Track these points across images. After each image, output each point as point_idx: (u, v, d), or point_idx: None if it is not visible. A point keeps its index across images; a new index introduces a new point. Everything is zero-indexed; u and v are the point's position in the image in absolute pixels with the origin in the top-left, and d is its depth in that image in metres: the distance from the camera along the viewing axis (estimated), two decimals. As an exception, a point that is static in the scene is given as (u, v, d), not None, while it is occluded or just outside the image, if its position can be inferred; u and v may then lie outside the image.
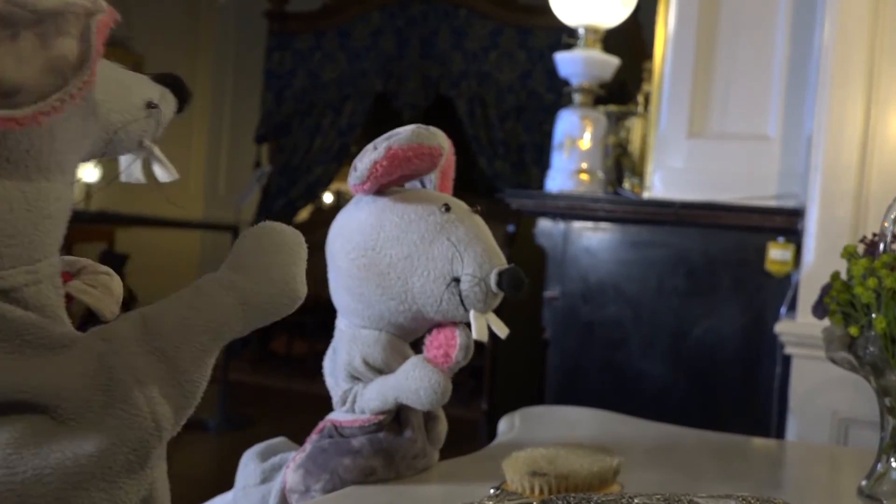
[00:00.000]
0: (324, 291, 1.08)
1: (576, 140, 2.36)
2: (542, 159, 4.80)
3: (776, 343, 1.94)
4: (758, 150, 2.12)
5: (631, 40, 4.00)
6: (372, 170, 0.99)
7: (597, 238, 2.25)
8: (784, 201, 2.06)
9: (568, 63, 2.37)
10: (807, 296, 1.78)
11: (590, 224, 2.26)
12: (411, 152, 0.99)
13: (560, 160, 2.38)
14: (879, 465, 1.09)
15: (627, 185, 2.41)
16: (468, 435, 3.35)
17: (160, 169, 0.82)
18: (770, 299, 2.05)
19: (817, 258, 1.79)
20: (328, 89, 6.03)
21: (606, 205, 2.23)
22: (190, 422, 0.74)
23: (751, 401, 2.08)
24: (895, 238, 1.07)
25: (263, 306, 0.75)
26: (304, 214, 6.50)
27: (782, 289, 2.02)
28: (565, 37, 2.44)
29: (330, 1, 6.11)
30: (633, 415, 1.47)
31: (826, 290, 1.12)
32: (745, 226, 2.07)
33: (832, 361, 1.13)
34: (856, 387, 1.62)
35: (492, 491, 0.97)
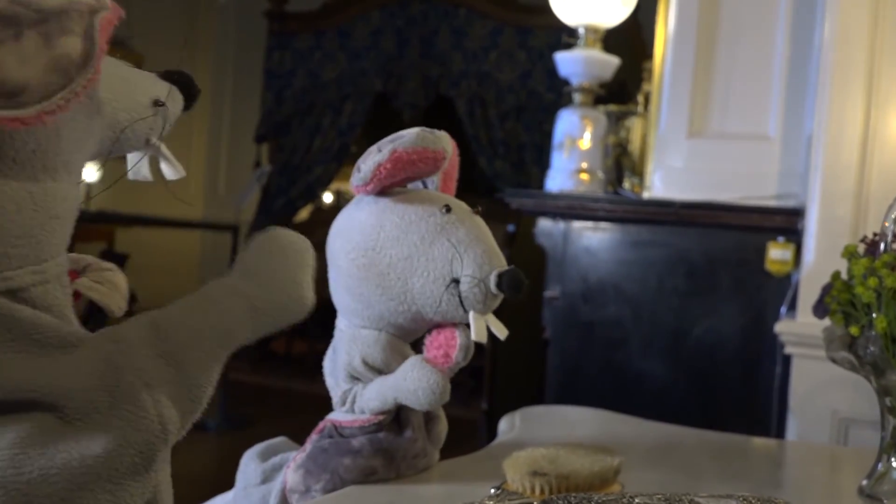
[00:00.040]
0: (324, 291, 1.08)
1: (576, 140, 2.36)
2: (542, 159, 4.80)
3: (776, 343, 1.94)
4: (758, 150, 2.12)
5: (631, 40, 4.00)
6: (376, 172, 1.00)
7: (597, 238, 2.25)
8: (784, 201, 2.06)
9: (568, 63, 2.37)
10: (807, 295, 1.78)
11: (590, 224, 2.26)
12: (415, 156, 0.99)
13: (560, 160, 2.38)
14: (880, 465, 1.09)
15: (627, 184, 2.41)
16: (468, 435, 3.35)
17: (167, 167, 0.82)
18: (770, 299, 2.05)
19: (817, 258, 1.79)
20: (328, 89, 6.03)
21: (606, 204, 2.23)
22: (190, 421, 0.74)
23: (751, 401, 2.08)
24: None
25: (272, 313, 0.75)
26: (304, 214, 6.50)
27: (782, 288, 2.02)
28: (565, 36, 2.44)
29: (330, 1, 6.11)
30: (633, 415, 1.47)
31: (827, 290, 1.12)
32: (745, 225, 2.07)
33: (833, 361, 1.13)
34: (856, 386, 1.62)
35: (492, 491, 0.97)
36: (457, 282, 0.99)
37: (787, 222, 2.01)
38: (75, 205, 0.72)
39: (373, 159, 1.00)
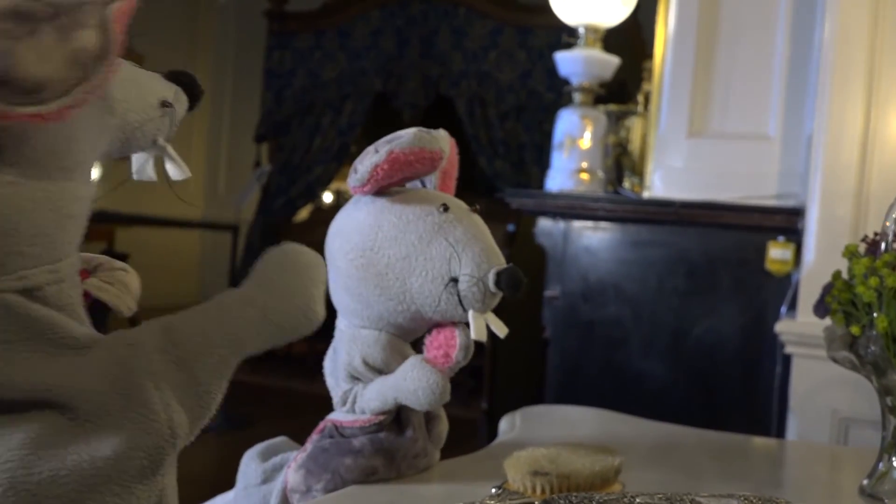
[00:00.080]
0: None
1: (576, 139, 2.36)
2: (542, 159, 4.80)
3: (776, 342, 1.94)
4: (758, 149, 2.12)
5: (631, 40, 4.00)
6: (373, 173, 0.99)
7: (597, 237, 2.25)
8: (784, 201, 2.06)
9: (568, 62, 2.37)
10: (807, 295, 1.78)
11: (590, 223, 2.25)
12: (413, 156, 0.99)
13: (560, 159, 2.38)
14: (881, 465, 1.09)
15: (627, 184, 2.41)
16: (468, 434, 3.35)
17: (173, 167, 0.82)
18: (770, 299, 2.05)
19: (817, 257, 1.79)
20: (328, 89, 6.03)
21: (606, 204, 2.23)
22: (191, 422, 0.74)
23: (751, 400, 2.08)
24: (896, 237, 1.07)
25: (283, 324, 0.76)
26: (304, 214, 6.50)
27: (782, 288, 2.02)
28: (565, 36, 2.44)
29: (330, 1, 6.11)
30: (633, 414, 1.47)
31: (827, 290, 1.12)
32: (745, 225, 2.07)
33: (833, 360, 1.13)
34: (856, 386, 1.62)
35: (493, 490, 0.97)
36: (455, 281, 0.99)
37: (788, 222, 2.00)
38: (88, 204, 0.72)
39: (370, 160, 1.00)
